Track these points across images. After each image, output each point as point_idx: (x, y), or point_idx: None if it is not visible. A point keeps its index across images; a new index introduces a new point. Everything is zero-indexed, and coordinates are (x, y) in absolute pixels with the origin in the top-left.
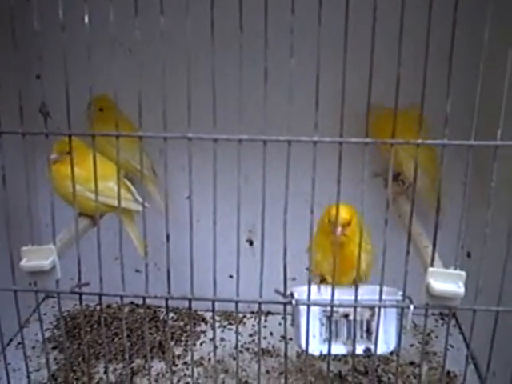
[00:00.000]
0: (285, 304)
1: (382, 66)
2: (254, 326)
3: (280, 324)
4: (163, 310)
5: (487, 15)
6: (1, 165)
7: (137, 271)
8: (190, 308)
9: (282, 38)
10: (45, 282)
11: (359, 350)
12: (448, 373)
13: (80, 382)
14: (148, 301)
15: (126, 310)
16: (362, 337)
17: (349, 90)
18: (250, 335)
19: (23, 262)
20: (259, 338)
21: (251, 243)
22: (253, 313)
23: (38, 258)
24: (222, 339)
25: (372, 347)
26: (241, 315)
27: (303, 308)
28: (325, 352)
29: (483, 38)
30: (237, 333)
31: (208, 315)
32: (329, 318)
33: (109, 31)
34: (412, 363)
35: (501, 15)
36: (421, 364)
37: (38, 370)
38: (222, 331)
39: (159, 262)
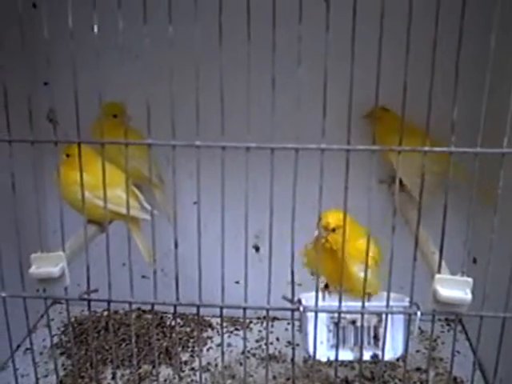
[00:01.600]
0: (292, 310)
1: (388, 73)
2: (260, 331)
3: (287, 330)
4: (170, 315)
5: (494, 22)
6: (11, 172)
7: (143, 277)
8: (198, 314)
9: (289, 46)
10: (54, 289)
11: (366, 356)
12: (455, 379)
13: None
14: (155, 307)
15: (134, 316)
16: (369, 343)
17: (356, 97)
18: (257, 341)
19: (32, 269)
20: (267, 344)
21: (257, 249)
22: (259, 318)
23: (47, 264)
24: (229, 345)
25: (379, 353)
26: (247, 321)
27: (311, 314)
28: (332, 358)
29: (490, 45)
30: (244, 338)
31: (214, 321)
32: (336, 324)
33: (117, 39)
34: (418, 369)
35: (508, 23)
36: (427, 370)
37: (45, 376)
38: (229, 337)
39: (166, 268)
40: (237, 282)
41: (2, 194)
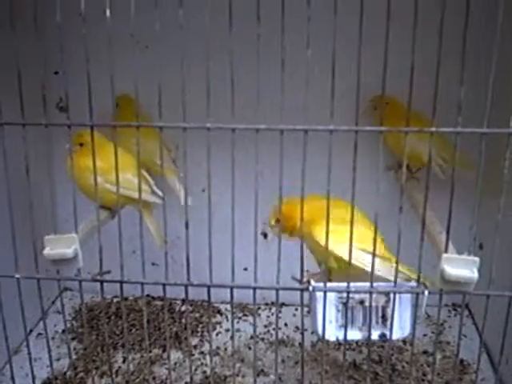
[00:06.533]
0: (302, 290)
1: (396, 56)
2: (268, 317)
3: (294, 315)
4: (179, 302)
5: (501, 2)
6: (24, 156)
7: (153, 264)
8: (208, 296)
9: (298, 29)
10: (67, 271)
11: (375, 335)
12: (461, 361)
13: (99, 370)
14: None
15: (143, 301)
16: (377, 322)
17: (364, 80)
18: (265, 326)
19: (47, 251)
20: (276, 325)
21: (265, 236)
22: (267, 304)
23: (60, 246)
24: (238, 330)
25: (387, 333)
26: (256, 307)
27: (319, 295)
28: (341, 338)
29: (497, 25)
30: (254, 320)
31: (223, 307)
32: (345, 304)
33: (126, 26)
34: (425, 352)
35: None
36: (434, 352)
37: (58, 360)
38: (237, 322)
39: (175, 255)
40: (245, 269)
41: (14, 179)
